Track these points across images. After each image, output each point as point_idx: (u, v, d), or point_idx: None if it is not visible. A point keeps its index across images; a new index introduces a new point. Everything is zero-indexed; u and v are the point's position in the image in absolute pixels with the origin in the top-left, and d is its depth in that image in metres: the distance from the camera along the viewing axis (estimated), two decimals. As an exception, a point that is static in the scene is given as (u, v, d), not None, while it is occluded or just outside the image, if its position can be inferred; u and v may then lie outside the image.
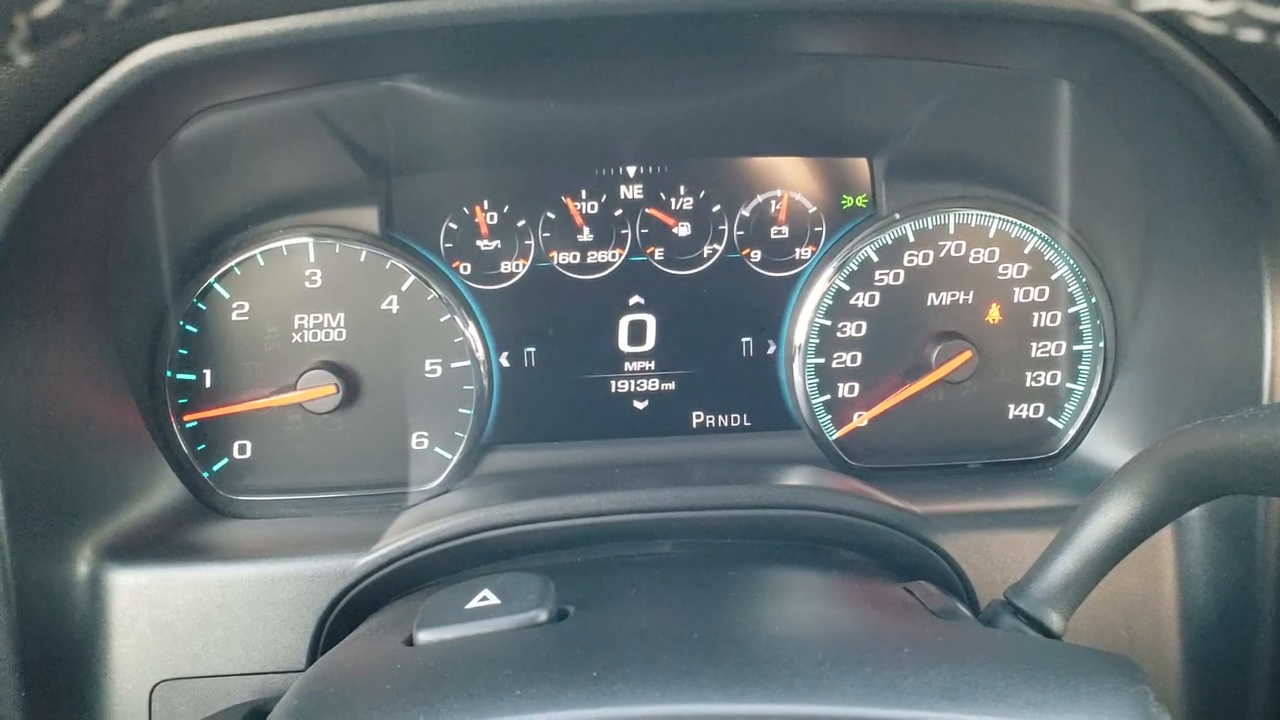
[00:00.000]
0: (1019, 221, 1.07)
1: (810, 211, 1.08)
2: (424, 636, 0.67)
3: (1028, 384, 1.10)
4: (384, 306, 1.05)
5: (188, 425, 1.05)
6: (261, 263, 1.04)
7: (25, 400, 0.86)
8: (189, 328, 1.04)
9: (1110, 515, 0.76)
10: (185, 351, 1.04)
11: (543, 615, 0.67)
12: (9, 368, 0.85)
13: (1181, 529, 0.96)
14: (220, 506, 1.05)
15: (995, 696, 0.58)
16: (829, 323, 1.08)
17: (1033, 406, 1.10)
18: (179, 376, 1.04)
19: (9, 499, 0.85)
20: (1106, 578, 0.79)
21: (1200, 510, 0.95)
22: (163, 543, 0.96)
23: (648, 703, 0.58)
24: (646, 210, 1.08)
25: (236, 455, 1.06)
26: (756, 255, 1.09)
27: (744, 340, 1.10)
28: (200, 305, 1.04)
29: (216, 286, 1.04)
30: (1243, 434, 0.69)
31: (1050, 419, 1.10)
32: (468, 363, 1.07)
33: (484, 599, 0.69)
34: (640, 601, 0.72)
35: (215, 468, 1.05)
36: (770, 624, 0.67)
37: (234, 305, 1.04)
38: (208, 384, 1.05)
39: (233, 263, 1.03)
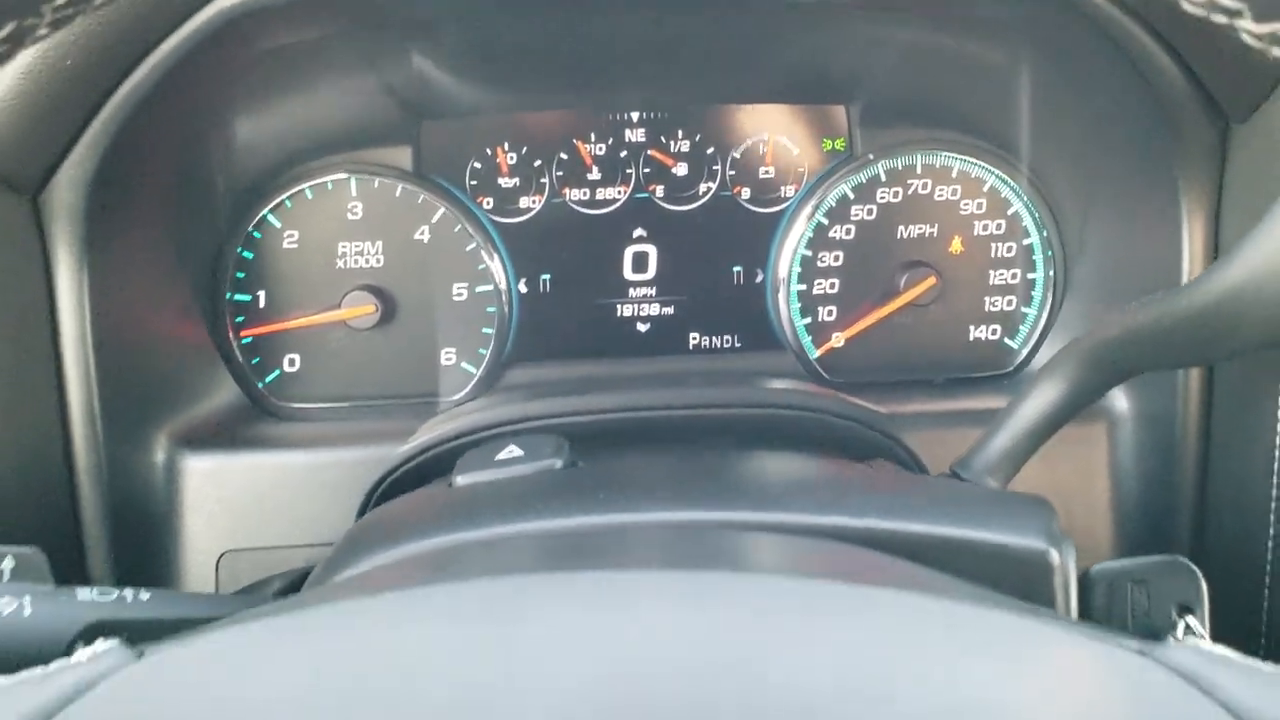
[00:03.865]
0: (979, 162, 1.21)
1: (794, 154, 1.22)
2: (461, 480, 0.81)
3: (986, 308, 1.24)
4: (416, 236, 1.19)
5: (244, 341, 1.18)
6: (309, 196, 1.17)
7: (116, 313, 1.00)
8: (245, 254, 1.17)
9: (1040, 398, 0.90)
10: (242, 275, 1.18)
11: (558, 464, 0.81)
12: (104, 284, 0.99)
13: (1113, 428, 1.10)
14: (274, 413, 1.19)
15: (925, 506, 0.72)
16: (810, 253, 1.22)
17: (990, 328, 1.24)
18: (236, 297, 1.18)
19: (103, 396, 0.99)
20: (1045, 471, 0.94)
21: (1129, 410, 1.10)
22: (227, 436, 1.10)
23: (641, 512, 0.72)
24: (649, 152, 1.21)
25: (287, 368, 1.20)
26: (746, 193, 1.23)
27: (735, 269, 1.24)
28: (255, 234, 1.17)
29: (269, 217, 1.17)
30: (1139, 316, 0.83)
31: (1006, 339, 1.24)
32: (490, 287, 1.21)
33: (510, 452, 0.83)
34: (639, 459, 0.86)
35: (268, 379, 1.19)
36: (747, 470, 0.82)
37: (285, 234, 1.18)
38: (261, 304, 1.18)
39: (284, 196, 1.17)
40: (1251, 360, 0.98)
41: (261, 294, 1.18)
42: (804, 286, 1.22)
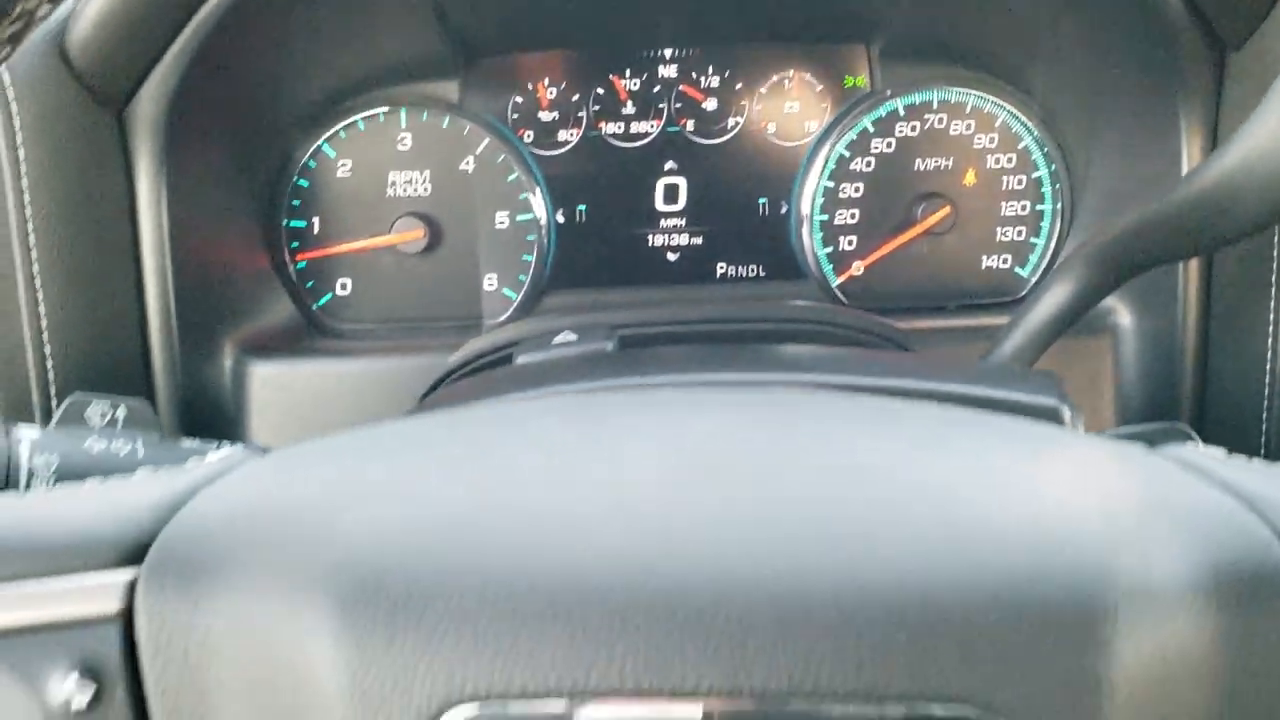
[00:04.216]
0: (992, 98, 1.28)
1: (817, 90, 1.29)
2: (522, 359, 0.89)
3: (997, 238, 1.31)
4: (461, 166, 1.26)
5: (299, 265, 1.26)
6: (361, 127, 1.25)
7: (190, 225, 1.08)
8: (301, 182, 1.25)
9: (1051, 300, 0.98)
10: (297, 203, 1.25)
11: (610, 346, 0.89)
12: (180, 197, 1.06)
13: (1117, 342, 1.18)
14: (328, 333, 1.26)
15: (948, 371, 0.79)
16: (832, 185, 1.29)
17: (1001, 257, 1.32)
18: (292, 223, 1.25)
19: (178, 300, 1.06)
20: (1053, 375, 1.01)
21: (1131, 324, 1.17)
22: (287, 347, 1.18)
23: (687, 374, 0.79)
24: (680, 87, 1.29)
25: (339, 291, 1.27)
26: (771, 127, 1.30)
27: (761, 201, 1.31)
28: (310, 163, 1.25)
29: (324, 147, 1.24)
30: (1142, 213, 0.91)
31: (1016, 268, 1.32)
32: (530, 217, 1.28)
33: (565, 337, 0.91)
34: (680, 349, 0.94)
35: (322, 301, 1.27)
36: (786, 351, 0.90)
37: (339, 163, 1.25)
38: (316, 230, 1.26)
39: (338, 127, 1.24)
40: (1245, 266, 1.06)
41: (316, 220, 1.25)
42: (826, 217, 1.30)
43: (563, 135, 1.28)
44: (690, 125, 1.29)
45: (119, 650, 0.49)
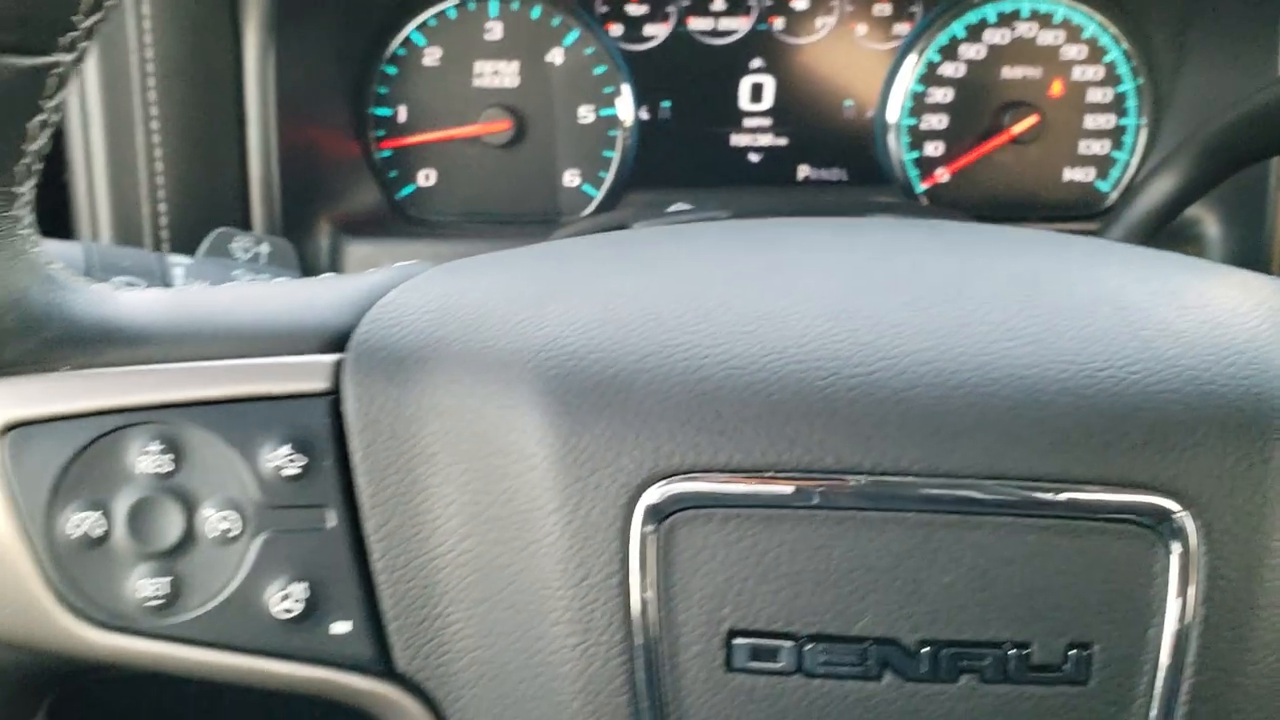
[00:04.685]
0: (1081, 8, 1.27)
1: (909, -9, 1.29)
2: (639, 225, 0.89)
3: (1080, 151, 1.31)
4: (548, 58, 1.26)
5: (383, 154, 1.25)
6: (451, 15, 1.24)
7: (292, 98, 1.08)
8: (388, 69, 1.24)
9: (1154, 191, 0.98)
10: (384, 90, 1.24)
11: (724, 214, 0.89)
12: (283, 70, 1.06)
13: (1204, 248, 1.18)
14: (411, 221, 1.26)
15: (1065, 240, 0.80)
16: (921, 89, 1.29)
17: (1084, 170, 1.31)
18: (378, 111, 1.24)
19: (282, 172, 1.06)
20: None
21: (1218, 233, 1.18)
22: (379, 227, 1.18)
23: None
24: (770, -15, 1.28)
25: (422, 183, 1.27)
26: (862, 29, 1.29)
27: (847, 104, 1.30)
28: (399, 51, 1.24)
29: (414, 34, 1.23)
30: (1248, 104, 0.91)
31: (1098, 183, 1.31)
32: (614, 112, 1.27)
33: (680, 206, 0.91)
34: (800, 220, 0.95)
35: (405, 191, 1.26)
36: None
37: (426, 51, 1.24)
38: (401, 119, 1.25)
39: (428, 14, 1.23)
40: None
41: (402, 108, 1.24)
42: (913, 122, 1.29)
43: (650, 30, 1.27)
44: (779, 24, 1.28)
45: (328, 425, 0.50)
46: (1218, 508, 0.45)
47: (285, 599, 0.49)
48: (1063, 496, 0.45)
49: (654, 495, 0.45)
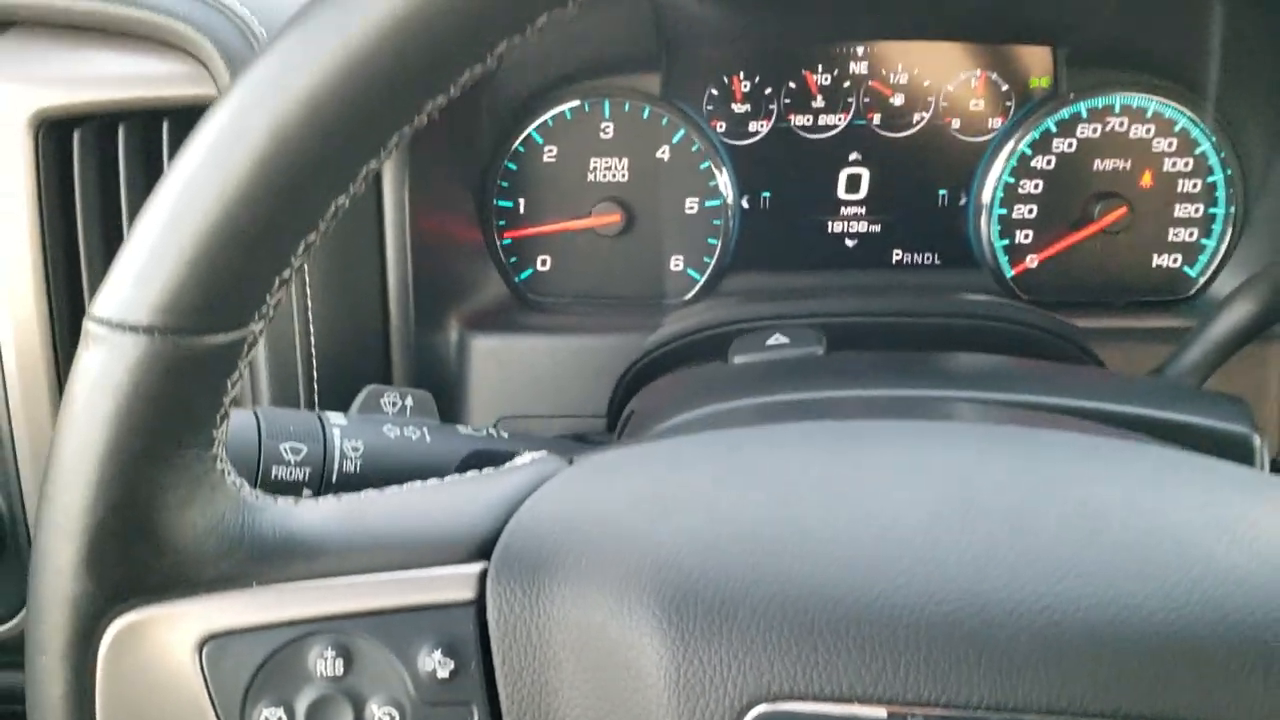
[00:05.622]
0: (1172, 104, 1.32)
1: (1002, 89, 1.34)
2: (739, 359, 0.97)
3: (1169, 238, 1.35)
4: (658, 155, 1.34)
5: (505, 242, 1.36)
6: (568, 116, 1.33)
7: (424, 213, 1.18)
8: (510, 165, 1.34)
9: (1230, 317, 1.03)
10: (506, 185, 1.34)
11: (820, 350, 0.97)
12: (416, 187, 1.16)
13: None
14: (529, 305, 1.36)
15: (1139, 392, 0.86)
16: (1013, 180, 1.34)
17: (1172, 257, 1.36)
18: (500, 203, 1.35)
19: (415, 282, 1.17)
20: (1224, 384, 1.07)
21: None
22: (502, 320, 1.29)
23: (897, 390, 0.87)
24: (870, 83, 1.34)
25: (539, 267, 1.37)
26: (956, 123, 1.35)
27: (940, 193, 1.37)
28: (520, 148, 1.34)
29: (533, 134, 1.33)
30: None
31: (1186, 268, 1.36)
32: (718, 202, 1.36)
33: (778, 339, 0.99)
34: (887, 358, 1.02)
35: (524, 276, 1.37)
36: (975, 362, 0.97)
37: (545, 149, 1.34)
38: (522, 210, 1.35)
39: (547, 115, 1.33)
40: None
41: (522, 201, 1.35)
42: (1004, 211, 1.35)
43: (753, 126, 1.35)
44: (876, 119, 1.35)
45: (474, 632, 0.59)
46: None
47: None
48: None
49: (755, 715, 0.54)
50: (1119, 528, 0.59)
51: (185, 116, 1.04)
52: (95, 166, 1.04)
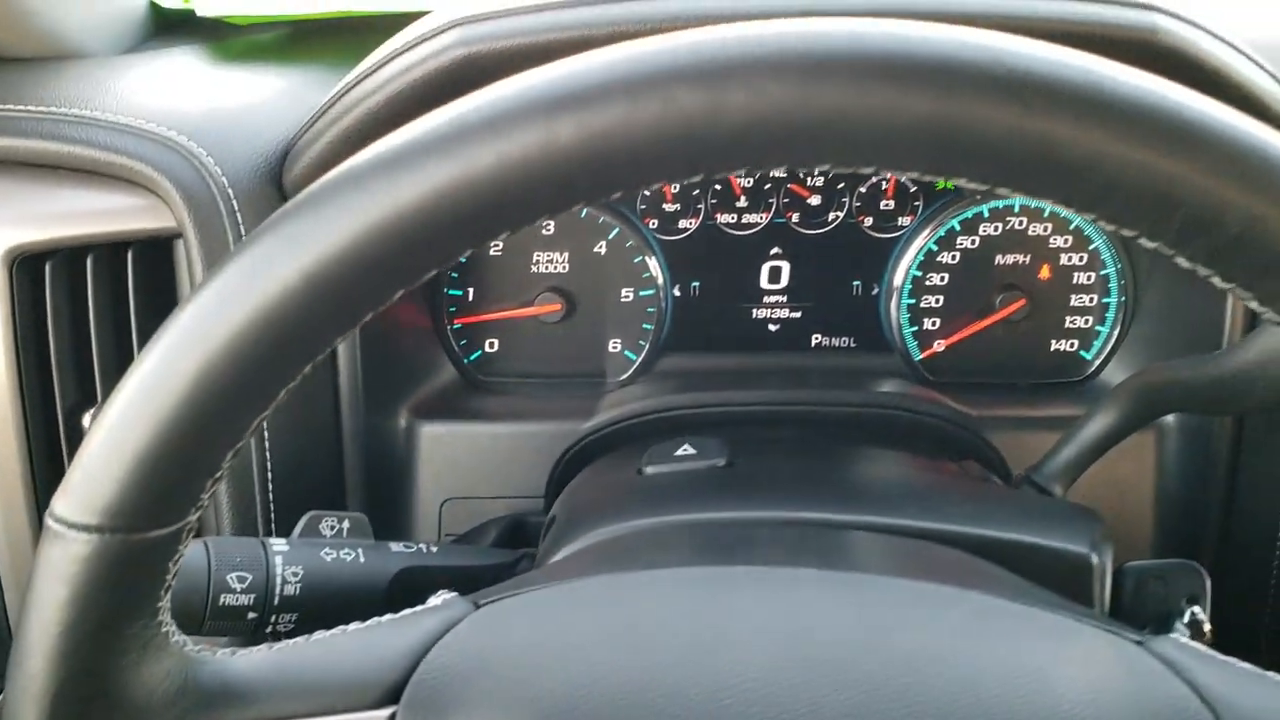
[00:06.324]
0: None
1: (911, 190, 1.46)
2: (649, 470, 1.09)
3: (1066, 325, 1.47)
4: (595, 249, 1.46)
5: (455, 327, 1.48)
6: (512, 214, 1.45)
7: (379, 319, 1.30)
8: (461, 259, 1.45)
9: (1099, 422, 1.15)
10: (455, 275, 1.46)
11: (722, 461, 1.09)
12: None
13: (1161, 437, 1.34)
14: (477, 385, 1.48)
15: (995, 512, 0.98)
16: (920, 273, 1.46)
17: (1069, 342, 1.48)
18: (450, 292, 1.47)
19: (365, 376, 1.29)
20: (1105, 469, 1.19)
21: (1175, 422, 1.34)
22: (448, 408, 1.41)
23: (785, 511, 0.99)
24: (789, 185, 1.46)
25: (487, 349, 1.49)
26: (869, 221, 1.47)
27: (855, 283, 1.49)
28: (468, 243, 1.45)
29: (480, 230, 1.45)
30: (1179, 371, 1.08)
31: (1082, 352, 1.48)
32: (652, 291, 1.48)
33: (686, 450, 1.11)
34: (782, 460, 1.14)
35: (472, 357, 1.49)
36: (865, 473, 1.09)
37: (492, 244, 1.45)
38: (470, 298, 1.47)
39: (492, 214, 1.44)
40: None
41: (471, 290, 1.47)
42: (913, 300, 1.47)
43: (683, 223, 1.47)
44: (795, 218, 1.47)
45: None
46: None
47: None
48: None
49: None
50: (932, 678, 0.71)
51: (147, 246, 1.16)
52: (65, 294, 1.14)
